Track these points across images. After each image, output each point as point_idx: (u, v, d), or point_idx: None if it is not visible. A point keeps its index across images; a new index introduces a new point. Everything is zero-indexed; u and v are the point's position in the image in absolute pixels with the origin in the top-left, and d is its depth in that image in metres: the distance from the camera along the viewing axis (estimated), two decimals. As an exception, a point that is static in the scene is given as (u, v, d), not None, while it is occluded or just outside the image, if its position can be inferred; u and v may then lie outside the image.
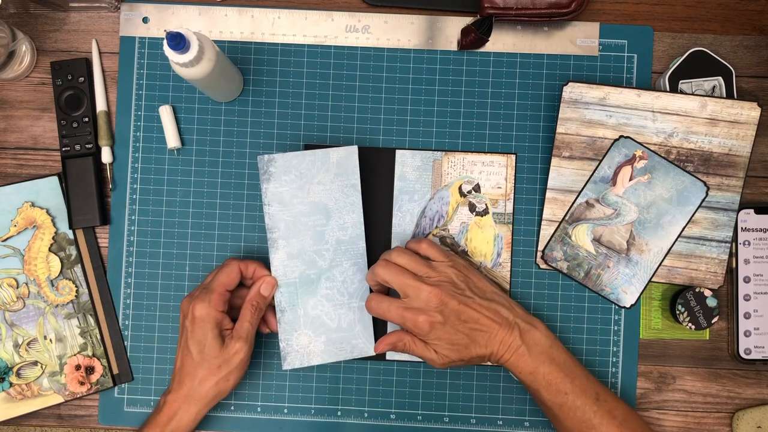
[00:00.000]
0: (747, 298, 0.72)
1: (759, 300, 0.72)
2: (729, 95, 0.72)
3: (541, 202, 0.74)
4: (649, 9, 0.76)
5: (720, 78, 0.72)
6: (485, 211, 0.74)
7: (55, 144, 0.75)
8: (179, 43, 0.59)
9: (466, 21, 0.75)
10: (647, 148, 0.71)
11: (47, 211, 0.74)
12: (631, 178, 0.71)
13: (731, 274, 0.73)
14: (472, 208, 0.74)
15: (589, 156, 0.72)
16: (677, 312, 0.71)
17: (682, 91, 0.72)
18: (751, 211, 0.73)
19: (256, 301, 0.68)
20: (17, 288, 0.73)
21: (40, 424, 0.74)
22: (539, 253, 0.73)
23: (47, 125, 0.75)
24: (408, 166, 0.74)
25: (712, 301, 0.71)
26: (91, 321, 0.74)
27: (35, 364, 0.73)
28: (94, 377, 0.73)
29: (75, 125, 0.74)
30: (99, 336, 0.73)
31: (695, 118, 0.71)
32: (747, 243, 0.73)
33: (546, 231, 0.73)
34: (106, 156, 0.74)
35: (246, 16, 0.75)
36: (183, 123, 0.75)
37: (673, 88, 0.72)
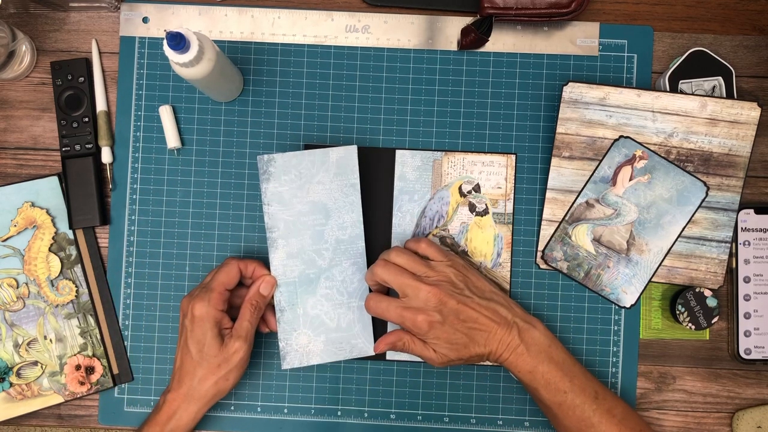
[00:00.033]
0: (747, 298, 0.72)
1: (759, 300, 0.72)
2: (729, 95, 0.72)
3: (541, 202, 0.74)
4: (649, 9, 0.76)
5: (720, 78, 0.72)
6: (485, 211, 0.74)
7: (55, 144, 0.75)
8: (179, 43, 0.59)
9: (466, 21, 0.75)
10: (647, 148, 0.71)
11: (47, 211, 0.74)
12: (631, 178, 0.71)
13: (731, 274, 0.73)
14: (472, 208, 0.74)
15: (589, 156, 0.72)
16: (677, 312, 0.71)
17: (682, 91, 0.72)
18: (751, 211, 0.73)
19: (255, 300, 0.68)
20: (17, 288, 0.73)
21: (40, 424, 0.74)
22: (539, 253, 0.73)
23: (47, 125, 0.75)
24: (408, 166, 0.74)
25: (712, 301, 0.71)
26: (91, 321, 0.74)
27: (35, 364, 0.73)
28: (94, 377, 0.73)
29: (75, 125, 0.74)
30: (99, 336, 0.74)
31: (695, 118, 0.71)
32: (747, 243, 0.73)
33: (546, 231, 0.73)
34: (106, 156, 0.74)
35: (246, 16, 0.75)
36: (183, 123, 0.75)
37: (673, 88, 0.72)
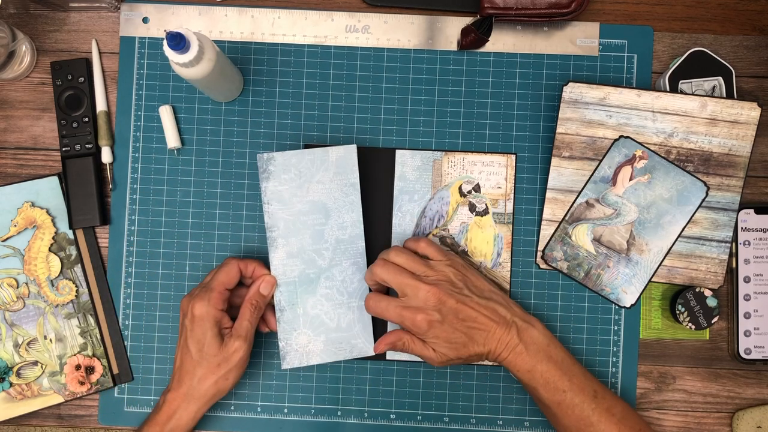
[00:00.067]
0: (747, 298, 0.72)
1: (759, 300, 0.72)
2: (729, 95, 0.72)
3: (541, 202, 0.74)
4: (649, 9, 0.76)
5: (720, 78, 0.72)
6: (485, 211, 0.74)
7: (55, 144, 0.75)
8: (179, 43, 0.59)
9: (466, 21, 0.75)
10: (647, 148, 0.71)
11: (47, 211, 0.74)
12: (631, 178, 0.71)
13: (731, 274, 0.73)
14: (472, 208, 0.74)
15: (589, 156, 0.72)
16: (677, 312, 0.71)
17: (682, 91, 0.72)
18: (751, 211, 0.73)
19: (255, 300, 0.68)
20: (17, 288, 0.73)
21: (40, 424, 0.74)
22: (539, 253, 0.73)
23: (47, 125, 0.75)
24: (408, 166, 0.74)
25: (712, 301, 0.71)
26: (91, 321, 0.74)
27: (35, 364, 0.73)
28: (94, 377, 0.73)
29: (75, 125, 0.74)
30: (99, 336, 0.73)
31: (695, 118, 0.71)
32: (747, 243, 0.73)
33: (546, 231, 0.73)
34: (106, 156, 0.74)
35: (246, 16, 0.75)
36: (183, 123, 0.75)
37: (673, 88, 0.72)
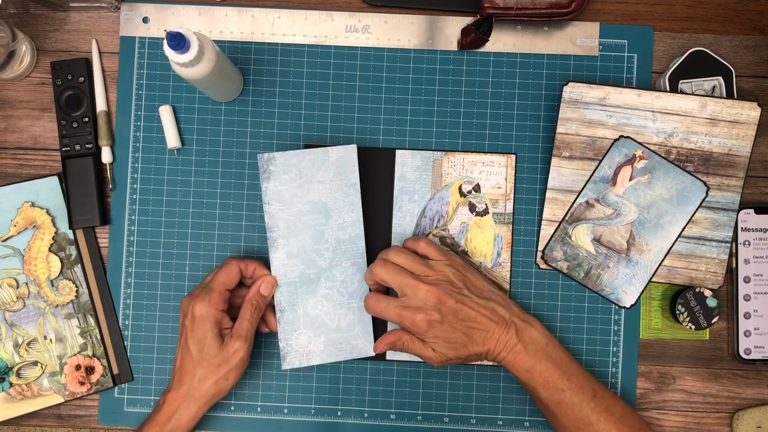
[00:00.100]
0: (747, 298, 0.72)
1: (759, 300, 0.72)
2: (729, 95, 0.72)
3: (541, 202, 0.74)
4: (649, 9, 0.76)
5: (720, 78, 0.72)
6: (485, 211, 0.74)
7: (55, 144, 0.75)
8: (179, 43, 0.59)
9: (466, 21, 0.75)
10: (647, 148, 0.71)
11: (47, 211, 0.74)
12: (631, 178, 0.71)
13: (731, 274, 0.73)
14: (472, 208, 0.74)
15: (589, 156, 0.72)
16: (677, 312, 0.71)
17: (682, 91, 0.72)
18: (751, 211, 0.73)
19: (255, 300, 0.68)
20: (17, 288, 0.73)
21: (40, 424, 0.74)
22: (539, 253, 0.73)
23: (47, 125, 0.75)
24: (408, 166, 0.74)
25: (712, 301, 0.71)
26: (91, 321, 0.74)
27: (35, 364, 0.73)
28: (94, 377, 0.73)
29: (75, 125, 0.74)
30: (99, 336, 0.73)
31: (695, 118, 0.71)
32: (747, 243, 0.73)
33: (546, 231, 0.73)
34: (106, 156, 0.74)
35: (246, 16, 0.75)
36: (183, 123, 0.75)
37: (673, 88, 0.72)
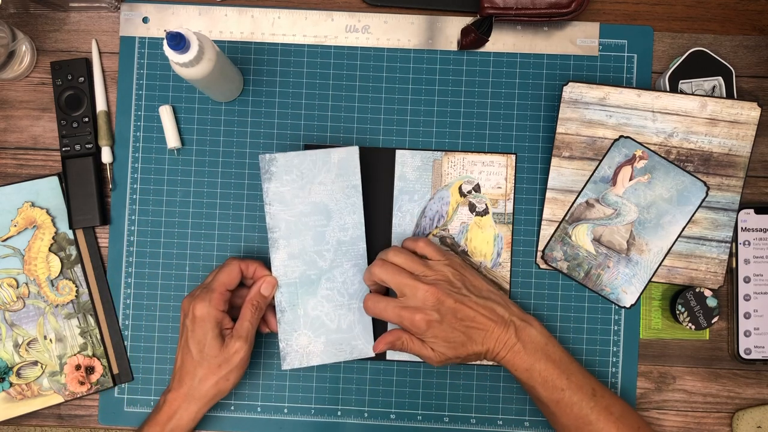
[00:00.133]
0: (747, 298, 0.72)
1: (759, 300, 0.72)
2: (729, 95, 0.72)
3: (541, 202, 0.74)
4: (649, 9, 0.76)
5: (720, 78, 0.72)
6: (485, 211, 0.74)
7: (55, 144, 0.75)
8: (179, 43, 0.59)
9: (466, 21, 0.75)
10: (647, 148, 0.71)
11: (47, 211, 0.74)
12: (631, 178, 0.71)
13: (731, 274, 0.73)
14: (472, 208, 0.74)
15: (589, 156, 0.72)
16: (677, 312, 0.71)
17: (682, 91, 0.72)
18: (751, 211, 0.73)
19: (256, 300, 0.68)
20: (17, 288, 0.73)
21: (40, 424, 0.74)
22: (539, 253, 0.73)
23: (47, 125, 0.75)
24: (408, 166, 0.74)
25: (712, 301, 0.71)
26: (91, 321, 0.74)
27: (35, 364, 0.73)
28: (94, 377, 0.73)
29: (75, 125, 0.74)
30: (99, 336, 0.73)
31: (695, 118, 0.71)
32: (747, 243, 0.73)
33: (546, 231, 0.73)
34: (106, 156, 0.74)
35: (246, 16, 0.75)
36: (183, 123, 0.75)
37: (673, 88, 0.72)
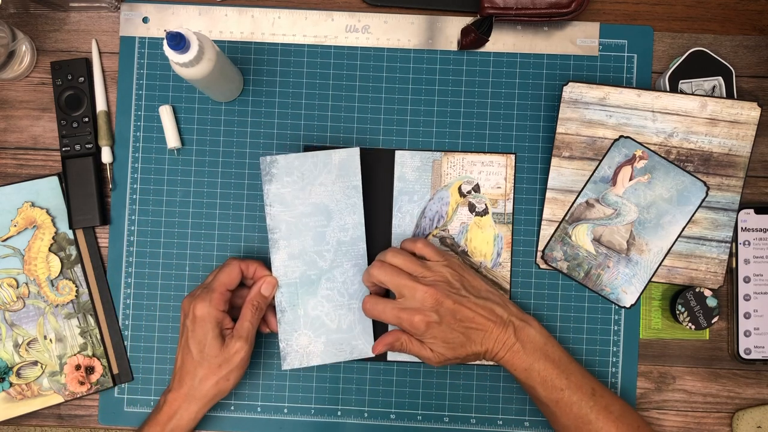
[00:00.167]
0: (747, 298, 0.72)
1: (759, 300, 0.72)
2: (729, 95, 0.72)
3: (541, 202, 0.74)
4: (649, 9, 0.76)
5: (720, 78, 0.72)
6: (485, 211, 0.74)
7: (55, 144, 0.75)
8: (179, 43, 0.59)
9: (466, 21, 0.75)
10: (647, 148, 0.71)
11: (47, 211, 0.74)
12: (631, 178, 0.71)
13: (731, 274, 0.73)
14: (472, 208, 0.74)
15: (589, 156, 0.72)
16: (677, 312, 0.71)
17: (682, 91, 0.72)
18: (751, 211, 0.73)
19: (256, 300, 0.68)
20: (17, 288, 0.73)
21: (40, 424, 0.74)
22: (539, 253, 0.73)
23: (47, 125, 0.75)
24: (407, 166, 0.74)
25: (712, 301, 0.71)
26: (91, 321, 0.74)
27: (35, 364, 0.73)
28: (94, 377, 0.73)
29: (75, 125, 0.74)
30: (99, 336, 0.73)
31: (695, 118, 0.71)
32: (747, 243, 0.73)
33: (546, 231, 0.73)
34: (106, 156, 0.74)
35: (246, 16, 0.75)
36: (183, 123, 0.75)
37: (673, 88, 0.72)
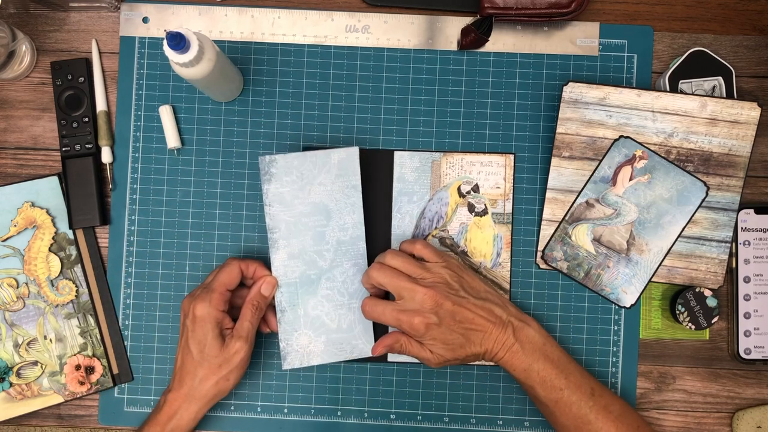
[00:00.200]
0: (747, 298, 0.72)
1: (759, 300, 0.72)
2: (729, 95, 0.72)
3: (541, 202, 0.74)
4: (649, 9, 0.76)
5: (720, 78, 0.72)
6: (484, 212, 0.74)
7: (55, 144, 0.75)
8: (179, 43, 0.59)
9: (466, 21, 0.75)
10: (647, 148, 0.71)
11: (47, 211, 0.74)
12: (631, 178, 0.71)
13: (731, 274, 0.73)
14: (471, 208, 0.74)
15: (589, 156, 0.72)
16: (677, 312, 0.71)
17: (682, 91, 0.72)
18: (751, 211, 0.73)
19: (256, 300, 0.68)
20: (17, 288, 0.73)
21: (40, 424, 0.74)
22: (539, 253, 0.73)
23: (47, 125, 0.75)
24: (406, 167, 0.74)
25: (712, 301, 0.71)
26: (91, 321, 0.74)
27: (35, 364, 0.73)
28: (94, 377, 0.73)
29: (75, 125, 0.74)
30: (99, 336, 0.73)
31: (695, 118, 0.71)
32: (747, 243, 0.73)
33: (546, 231, 0.73)
34: (106, 156, 0.74)
35: (246, 16, 0.75)
36: (183, 123, 0.75)
37: (673, 88, 0.72)
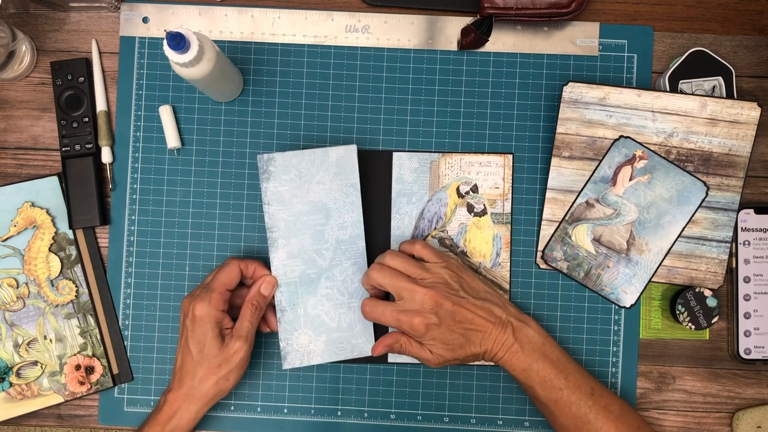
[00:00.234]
0: (747, 298, 0.72)
1: (759, 300, 0.72)
2: (729, 95, 0.72)
3: (541, 202, 0.74)
4: (649, 9, 0.76)
5: (720, 78, 0.72)
6: (483, 212, 0.74)
7: (55, 144, 0.75)
8: (179, 43, 0.59)
9: (466, 21, 0.75)
10: (647, 148, 0.71)
11: (47, 211, 0.74)
12: (631, 178, 0.71)
13: (731, 274, 0.73)
14: (470, 208, 0.74)
15: (589, 156, 0.72)
16: (677, 312, 0.71)
17: (682, 91, 0.72)
18: (751, 211, 0.73)
19: (256, 300, 0.68)
20: (17, 288, 0.73)
21: (40, 424, 0.74)
22: (539, 253, 0.73)
23: (47, 125, 0.75)
24: (405, 168, 0.74)
25: (712, 301, 0.71)
26: (91, 321, 0.74)
27: (35, 364, 0.73)
28: (94, 377, 0.73)
29: (75, 125, 0.74)
30: (99, 336, 0.74)
31: (695, 118, 0.71)
32: (747, 243, 0.73)
33: (546, 231, 0.73)
34: (106, 156, 0.74)
35: (246, 16, 0.75)
36: (183, 123, 0.75)
37: (673, 88, 0.72)
